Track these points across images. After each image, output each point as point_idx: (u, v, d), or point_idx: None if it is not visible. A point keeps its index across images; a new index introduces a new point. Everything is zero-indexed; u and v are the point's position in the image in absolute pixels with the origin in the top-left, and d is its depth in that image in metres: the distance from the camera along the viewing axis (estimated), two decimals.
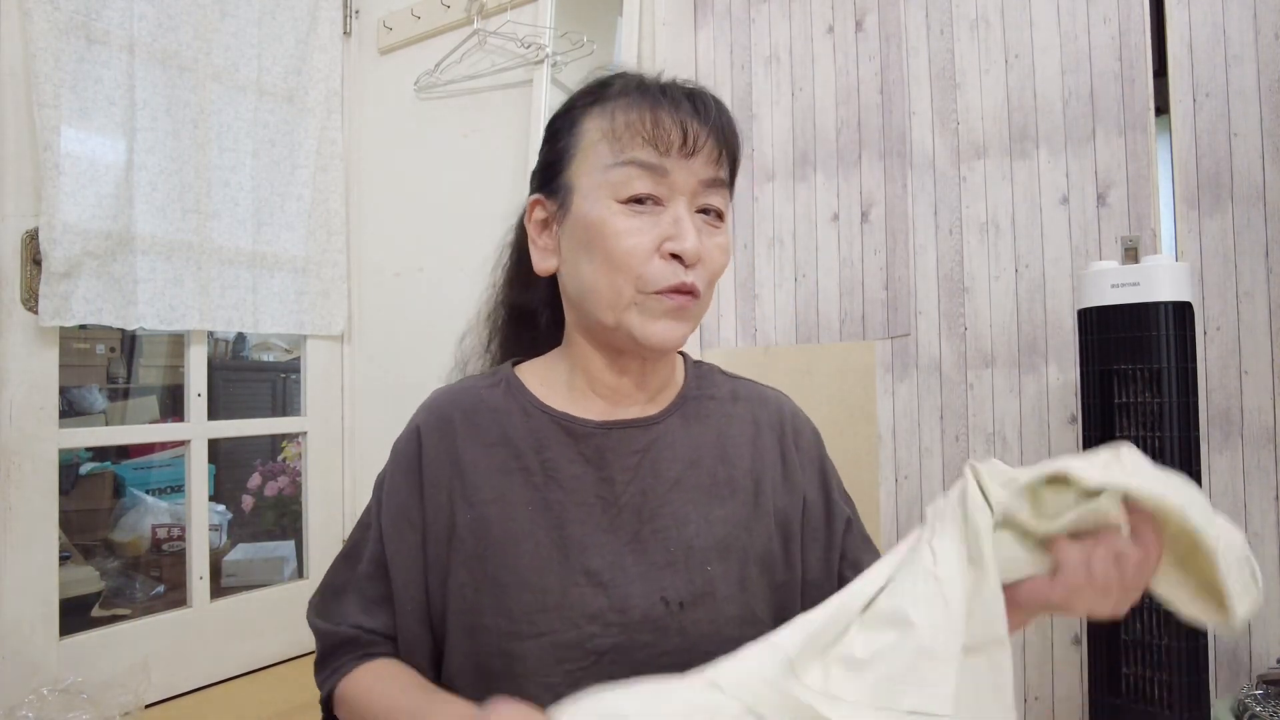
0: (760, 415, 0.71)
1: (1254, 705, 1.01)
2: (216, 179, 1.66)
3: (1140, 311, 1.05)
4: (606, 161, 0.61)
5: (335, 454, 1.95)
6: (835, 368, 1.51)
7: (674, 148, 0.59)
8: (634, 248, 0.59)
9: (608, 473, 0.64)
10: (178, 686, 1.56)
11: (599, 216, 0.60)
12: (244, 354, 2.54)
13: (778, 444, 0.70)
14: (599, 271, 0.61)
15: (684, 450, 0.67)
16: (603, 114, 0.62)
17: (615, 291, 0.60)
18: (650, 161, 0.59)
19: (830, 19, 1.55)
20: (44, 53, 1.35)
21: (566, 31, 1.69)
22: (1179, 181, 1.22)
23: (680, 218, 0.60)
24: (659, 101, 0.61)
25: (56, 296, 1.35)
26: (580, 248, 0.62)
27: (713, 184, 0.62)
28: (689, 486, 0.65)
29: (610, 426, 0.66)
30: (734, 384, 0.74)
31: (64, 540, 1.76)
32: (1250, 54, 1.18)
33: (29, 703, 1.26)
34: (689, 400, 0.70)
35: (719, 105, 0.64)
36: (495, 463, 0.65)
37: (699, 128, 0.60)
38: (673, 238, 0.59)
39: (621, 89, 0.63)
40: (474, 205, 1.81)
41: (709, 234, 0.62)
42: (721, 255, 0.63)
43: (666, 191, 0.60)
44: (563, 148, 0.65)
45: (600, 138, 0.62)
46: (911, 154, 1.46)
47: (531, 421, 0.66)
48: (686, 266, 0.59)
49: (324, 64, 1.90)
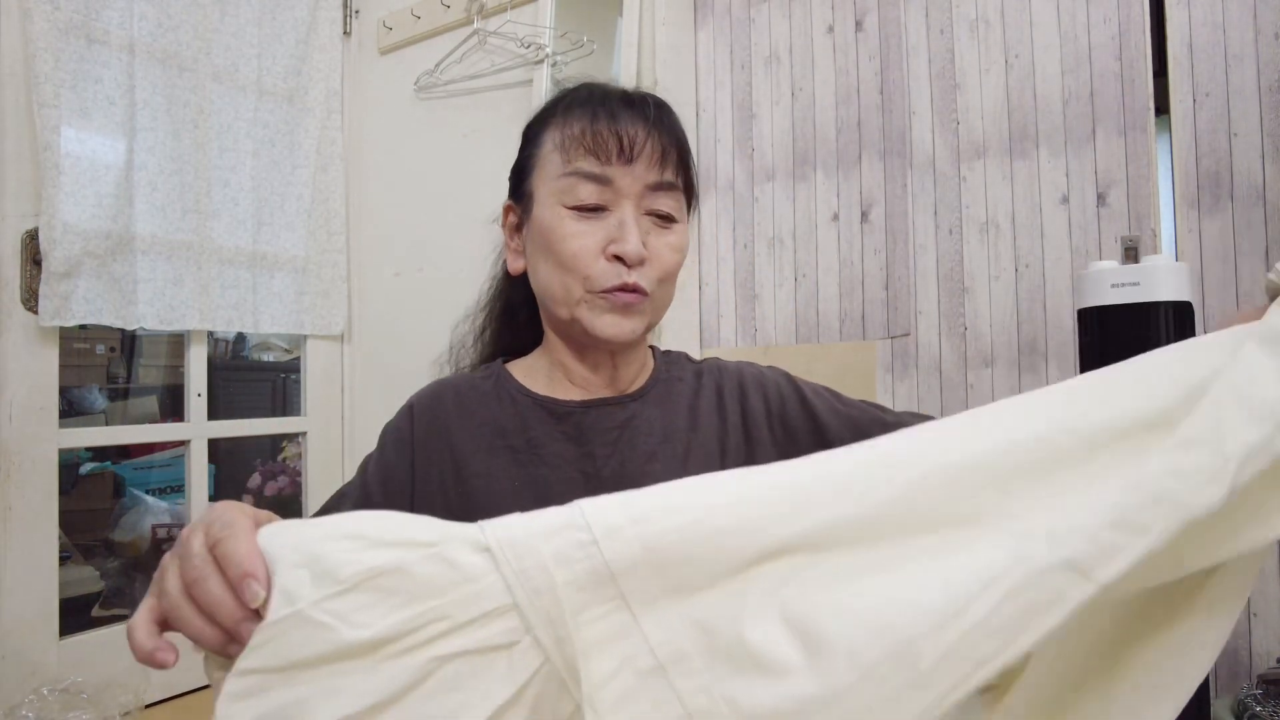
0: (723, 383, 0.75)
1: (1254, 705, 1.01)
2: (216, 179, 1.66)
3: (1140, 311, 1.05)
4: (558, 171, 0.66)
5: (335, 454, 1.95)
6: (835, 368, 1.51)
7: (613, 155, 0.64)
8: (580, 250, 0.64)
9: (588, 448, 0.68)
10: (178, 686, 1.56)
11: (550, 222, 0.65)
12: (244, 354, 2.54)
13: (739, 404, 0.74)
14: (553, 272, 0.66)
15: (658, 425, 0.70)
16: (556, 126, 0.67)
17: (566, 290, 0.65)
18: (593, 171, 0.64)
19: (830, 19, 1.55)
20: (44, 53, 1.35)
21: (566, 31, 1.68)
22: (1179, 181, 1.22)
23: (624, 221, 0.64)
24: (597, 113, 0.65)
25: (56, 296, 1.35)
26: (539, 250, 0.67)
27: (658, 187, 0.66)
28: (664, 458, 0.69)
29: (589, 405, 0.70)
30: (698, 365, 0.78)
31: (64, 540, 1.76)
32: (1250, 54, 1.18)
33: (29, 703, 1.26)
34: (660, 382, 0.74)
35: (659, 110, 0.67)
36: (483, 442, 0.68)
37: (635, 135, 0.64)
38: (616, 240, 0.64)
39: (570, 102, 0.68)
40: (474, 205, 1.80)
41: (658, 234, 0.66)
42: (672, 254, 0.67)
43: (612, 197, 0.65)
44: (526, 157, 0.71)
45: (553, 148, 0.67)
46: (911, 154, 1.45)
47: (517, 405, 0.70)
48: (630, 267, 0.63)
49: (324, 64, 1.90)
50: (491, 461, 0.67)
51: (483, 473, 0.67)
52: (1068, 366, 1.29)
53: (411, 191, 1.93)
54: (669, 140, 0.66)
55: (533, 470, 0.67)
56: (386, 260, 1.96)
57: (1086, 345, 1.11)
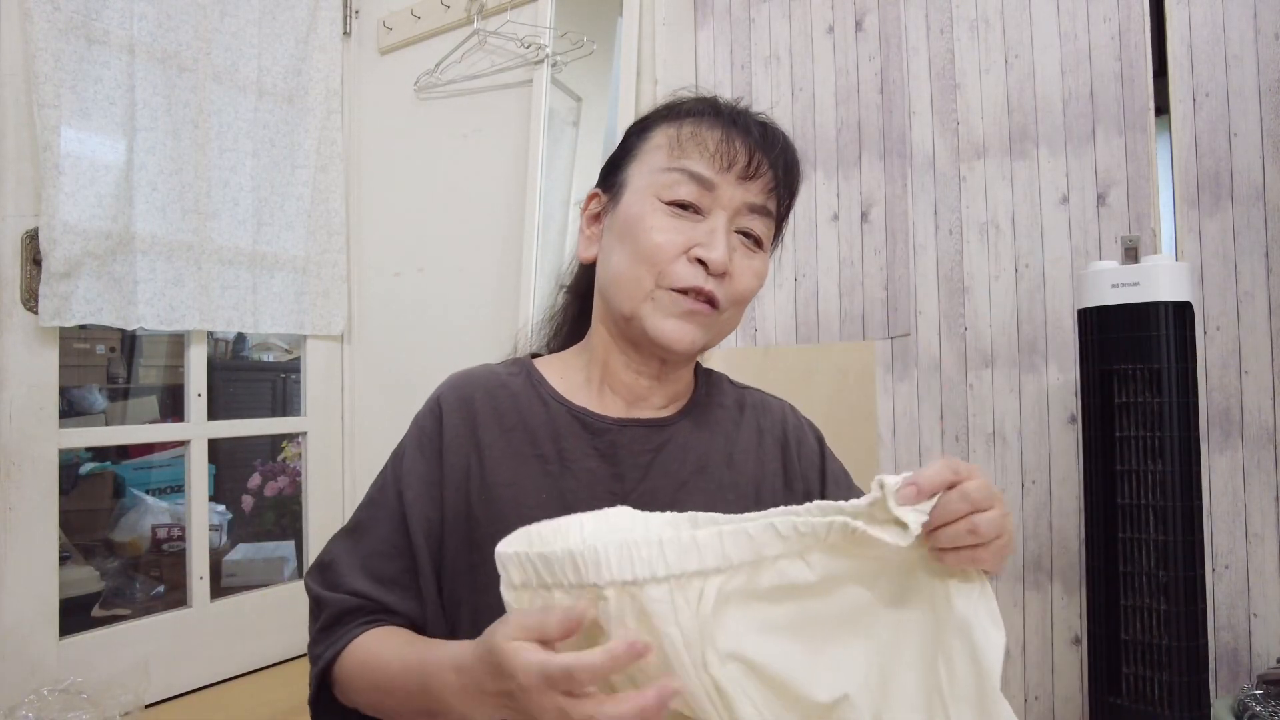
0: (764, 423, 0.73)
1: (1254, 705, 1.01)
2: (216, 179, 1.66)
3: (1140, 311, 1.05)
4: (662, 165, 0.64)
5: (335, 454, 1.95)
6: (835, 368, 1.51)
7: (735, 167, 0.63)
8: (664, 244, 0.62)
9: (620, 469, 0.66)
10: (178, 686, 1.56)
11: (640, 211, 0.64)
12: (244, 354, 2.54)
13: (780, 453, 0.72)
14: (626, 260, 0.64)
15: (694, 453, 0.68)
16: (671, 124, 0.66)
17: (636, 281, 0.63)
18: (701, 173, 0.63)
19: (830, 19, 1.55)
20: (44, 53, 1.35)
21: (566, 31, 1.69)
22: (1179, 181, 1.22)
23: (715, 229, 0.62)
24: (731, 123, 0.64)
25: (56, 296, 1.35)
26: (617, 238, 0.66)
27: (759, 210, 0.65)
28: (695, 489, 0.66)
29: (625, 424, 0.67)
30: (740, 393, 0.75)
31: (64, 540, 1.76)
32: (1250, 54, 1.18)
33: (29, 703, 1.26)
34: (699, 406, 0.71)
35: (787, 142, 0.67)
36: (512, 448, 0.66)
37: (764, 156, 0.64)
38: (702, 244, 0.62)
39: (695, 106, 0.67)
40: (474, 205, 1.81)
41: (743, 255, 0.65)
42: (752, 278, 0.65)
43: (709, 203, 0.63)
44: (628, 148, 0.69)
45: (664, 142, 0.65)
46: (911, 154, 1.45)
47: (550, 411, 0.68)
48: (710, 275, 0.62)
49: (324, 64, 1.90)
50: (519, 470, 0.65)
51: (509, 481, 0.64)
52: (1068, 366, 1.29)
53: (411, 191, 1.93)
54: (786, 174, 0.66)
55: (562, 483, 0.65)
56: (386, 260, 1.96)
57: (1086, 345, 1.11)
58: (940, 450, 1.41)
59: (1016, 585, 1.32)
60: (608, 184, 0.70)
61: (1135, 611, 1.04)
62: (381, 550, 0.65)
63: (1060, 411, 1.30)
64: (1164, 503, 1.02)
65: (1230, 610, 1.16)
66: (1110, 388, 1.07)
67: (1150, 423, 1.04)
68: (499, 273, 1.74)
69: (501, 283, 1.74)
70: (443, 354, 1.80)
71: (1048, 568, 1.30)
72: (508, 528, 0.62)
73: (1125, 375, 1.06)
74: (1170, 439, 1.02)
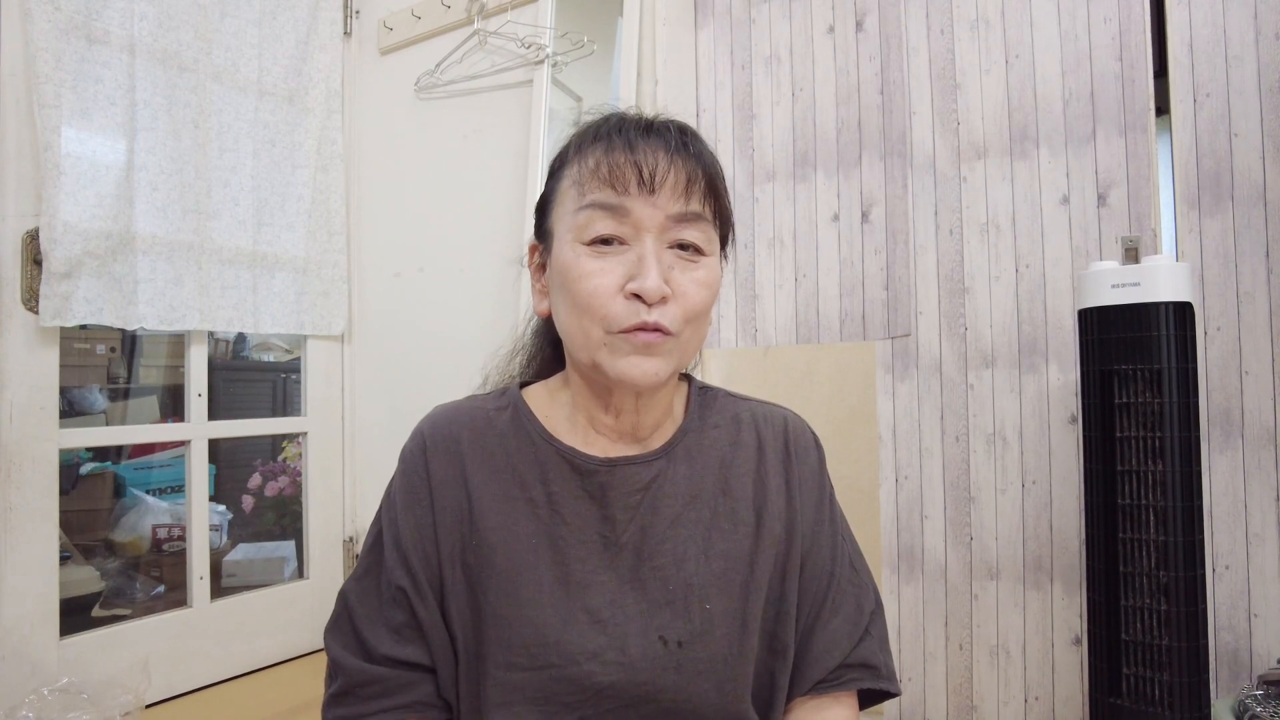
0: (765, 435, 0.70)
1: (1254, 705, 1.01)
2: (216, 179, 1.66)
3: (1140, 311, 1.05)
4: (574, 205, 0.61)
5: (335, 454, 1.95)
6: (835, 368, 1.51)
7: (630, 185, 0.59)
8: (597, 288, 0.59)
9: (610, 510, 0.64)
10: (178, 686, 1.56)
11: (567, 259, 0.61)
12: (244, 354, 2.54)
13: (782, 466, 0.70)
14: (571, 314, 0.61)
15: (685, 486, 0.66)
16: (574, 160, 0.63)
17: (585, 334, 0.60)
18: (608, 202, 0.59)
19: (830, 19, 1.55)
20: (44, 53, 1.35)
21: (566, 31, 1.69)
22: (1179, 181, 1.22)
23: (644, 256, 0.59)
24: (613, 142, 0.61)
25: (57, 296, 1.36)
26: (559, 290, 0.63)
27: (683, 218, 0.60)
28: (688, 523, 0.65)
29: (614, 464, 0.65)
30: (737, 407, 0.72)
31: (64, 540, 1.76)
32: (1250, 54, 1.18)
33: (29, 703, 1.27)
34: (690, 434, 0.69)
35: (683, 136, 0.62)
36: (501, 490, 0.64)
37: (656, 163, 0.59)
38: (635, 276, 0.58)
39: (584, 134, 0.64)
40: (474, 205, 1.81)
41: (684, 269, 0.61)
42: (699, 290, 0.61)
43: (630, 231, 0.60)
44: (547, 194, 0.67)
45: (571, 184, 0.62)
46: (912, 154, 1.46)
47: (539, 452, 0.66)
48: (650, 305, 0.58)
49: (324, 64, 1.90)
50: (509, 513, 0.64)
51: (499, 526, 0.63)
52: (1068, 366, 1.29)
53: (411, 192, 1.93)
54: (694, 167, 0.61)
55: (552, 528, 0.63)
56: (386, 260, 1.96)
57: (1086, 345, 1.11)
58: (940, 450, 1.41)
59: (1017, 585, 1.32)
60: (540, 233, 0.67)
61: (1136, 612, 1.04)
62: (390, 597, 0.64)
63: (1061, 412, 1.30)
64: (1164, 503, 1.02)
65: (1231, 611, 1.16)
66: (1111, 388, 1.07)
67: (1151, 423, 1.04)
68: (499, 273, 1.75)
69: (501, 283, 1.74)
70: (443, 354, 1.80)
71: (1048, 568, 1.30)
72: (498, 573, 0.62)
73: (1126, 375, 1.06)
74: (1171, 439, 1.02)
